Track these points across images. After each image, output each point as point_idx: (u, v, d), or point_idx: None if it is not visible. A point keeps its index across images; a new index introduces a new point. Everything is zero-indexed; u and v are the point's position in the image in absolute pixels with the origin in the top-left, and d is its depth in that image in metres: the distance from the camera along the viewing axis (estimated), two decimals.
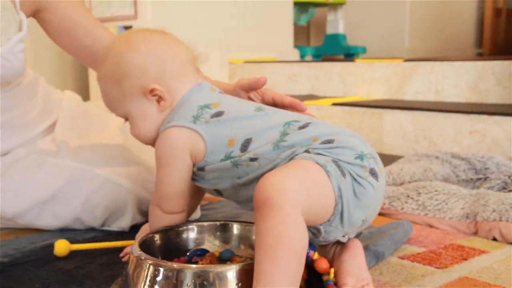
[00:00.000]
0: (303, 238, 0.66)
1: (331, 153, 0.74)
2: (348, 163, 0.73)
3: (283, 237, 0.64)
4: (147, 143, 0.88)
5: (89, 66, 1.17)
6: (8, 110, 1.12)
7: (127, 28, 2.90)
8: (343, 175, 0.73)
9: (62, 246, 0.95)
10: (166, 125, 0.82)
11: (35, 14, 1.06)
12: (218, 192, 0.85)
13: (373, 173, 0.75)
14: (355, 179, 0.73)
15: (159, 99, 0.84)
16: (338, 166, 0.73)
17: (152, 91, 0.83)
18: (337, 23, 3.86)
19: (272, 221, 0.65)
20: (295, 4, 3.65)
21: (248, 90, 1.07)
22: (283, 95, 1.05)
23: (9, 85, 1.09)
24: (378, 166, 0.76)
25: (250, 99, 1.10)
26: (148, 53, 0.84)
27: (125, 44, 0.85)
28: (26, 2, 1.03)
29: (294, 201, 0.65)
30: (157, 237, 0.87)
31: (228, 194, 0.84)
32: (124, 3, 2.89)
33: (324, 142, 0.75)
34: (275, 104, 1.07)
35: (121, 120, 0.90)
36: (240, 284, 0.70)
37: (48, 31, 1.09)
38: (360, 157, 0.74)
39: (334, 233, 0.76)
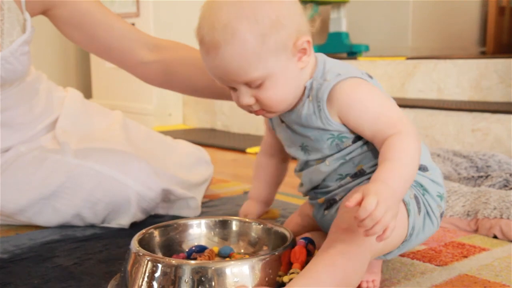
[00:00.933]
0: (362, 274, 0.69)
1: (419, 183, 0.78)
2: (428, 199, 0.78)
3: (346, 275, 0.66)
4: (278, 111, 0.77)
5: (104, 58, 1.12)
6: (11, 108, 1.12)
7: None
8: (419, 212, 0.77)
9: None
10: (337, 78, 0.74)
11: (44, 12, 1.05)
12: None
13: (441, 215, 0.81)
14: (428, 215, 0.79)
15: (303, 54, 0.75)
16: (417, 203, 0.77)
17: (303, 43, 0.73)
18: (340, 21, 3.85)
19: (342, 255, 0.67)
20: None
21: None
22: None
23: (11, 85, 1.09)
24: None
25: None
26: (292, 1, 0.74)
27: None
28: (33, 2, 1.02)
29: (369, 244, 0.68)
30: (156, 233, 0.87)
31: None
32: (126, 1, 2.89)
33: (420, 168, 0.78)
34: None
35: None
36: (237, 280, 0.70)
37: (58, 26, 1.07)
38: (440, 196, 0.80)
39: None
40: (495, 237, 1.03)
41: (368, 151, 0.77)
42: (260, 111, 0.78)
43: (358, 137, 0.77)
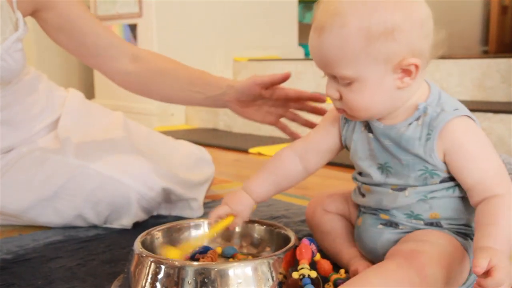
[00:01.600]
0: None
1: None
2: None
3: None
4: (360, 117, 0.75)
5: (89, 64, 1.16)
6: (9, 106, 1.13)
7: (131, 26, 2.91)
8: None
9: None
10: (455, 113, 0.70)
11: (34, 13, 1.06)
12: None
13: None
14: None
15: (405, 74, 0.70)
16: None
17: (409, 65, 0.69)
18: None
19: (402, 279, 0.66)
20: (300, 2, 3.65)
21: (269, 86, 1.09)
22: (300, 91, 1.09)
23: (9, 83, 1.09)
24: None
25: (262, 96, 1.10)
26: (419, 19, 0.69)
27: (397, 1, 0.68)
28: (24, 1, 1.03)
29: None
30: (159, 234, 0.87)
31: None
32: (129, 1, 2.89)
33: None
34: (288, 100, 1.09)
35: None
36: (241, 282, 0.70)
37: (46, 29, 1.09)
38: None
39: None
40: None
41: (452, 198, 0.74)
42: (341, 111, 0.75)
43: (450, 178, 0.73)
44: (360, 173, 0.81)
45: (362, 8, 0.67)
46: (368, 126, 0.78)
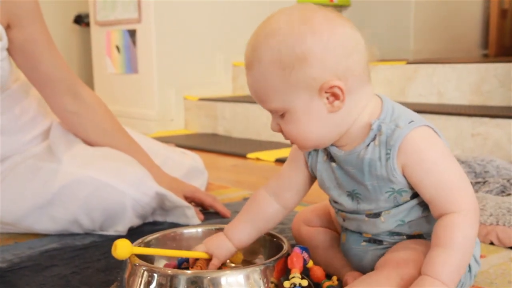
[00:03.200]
0: None
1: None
2: (467, 279, 0.76)
3: None
4: (304, 147, 0.74)
5: (36, 89, 1.19)
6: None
7: (131, 32, 2.92)
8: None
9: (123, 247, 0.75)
10: (411, 126, 0.68)
11: (6, 29, 1.08)
12: None
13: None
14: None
15: (334, 98, 0.69)
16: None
17: (332, 87, 0.68)
18: None
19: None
20: None
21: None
22: (213, 202, 1.24)
23: None
24: None
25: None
26: (334, 40, 0.67)
27: (304, 24, 0.68)
28: (1, 13, 1.05)
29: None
30: (153, 242, 0.87)
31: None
32: (128, 5, 2.90)
33: None
34: (202, 203, 1.26)
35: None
36: None
37: (8, 46, 1.10)
38: (475, 276, 0.78)
39: None
40: (491, 243, 1.03)
41: (430, 217, 0.72)
42: (291, 142, 0.74)
43: (416, 195, 0.72)
44: (334, 201, 0.80)
45: (273, 40, 0.68)
46: (329, 155, 0.76)
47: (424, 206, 0.72)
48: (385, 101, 0.73)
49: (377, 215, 0.75)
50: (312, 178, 0.81)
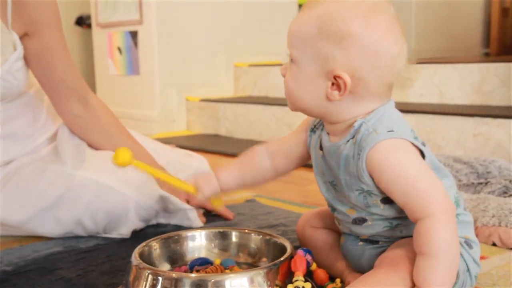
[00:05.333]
0: None
1: (465, 262, 0.75)
2: (467, 280, 0.76)
3: None
4: (292, 104, 0.76)
5: (47, 94, 1.21)
6: (15, 119, 1.15)
7: (132, 33, 2.92)
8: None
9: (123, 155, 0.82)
10: (388, 135, 0.69)
11: (21, 37, 1.09)
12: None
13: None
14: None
15: (336, 87, 0.70)
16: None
17: (339, 77, 0.69)
18: None
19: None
20: (300, 6, 3.66)
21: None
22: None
23: (13, 100, 1.12)
24: None
25: None
26: (375, 47, 0.68)
27: (367, 13, 0.68)
28: (17, 23, 1.06)
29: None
30: (156, 245, 0.88)
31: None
32: (130, 7, 2.91)
33: (466, 243, 0.77)
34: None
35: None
36: None
37: (25, 53, 1.12)
38: (476, 277, 0.78)
39: None
40: (494, 244, 1.03)
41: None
42: (285, 94, 0.76)
43: (388, 199, 0.72)
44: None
45: (335, 3, 0.69)
46: (320, 143, 0.79)
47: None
48: (381, 105, 0.73)
49: (362, 220, 0.76)
50: (308, 156, 0.84)
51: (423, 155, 0.72)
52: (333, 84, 0.70)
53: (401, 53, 0.70)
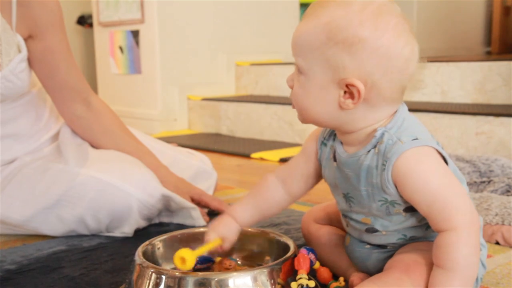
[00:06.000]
0: None
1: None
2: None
3: None
4: (301, 116, 0.73)
5: (49, 95, 1.21)
6: (18, 118, 1.15)
7: (134, 32, 2.92)
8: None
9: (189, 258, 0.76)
10: (413, 144, 0.67)
11: (26, 39, 1.10)
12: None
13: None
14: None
15: (349, 96, 0.68)
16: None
17: (352, 85, 0.67)
18: None
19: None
20: (302, 5, 3.65)
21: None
22: (220, 204, 1.23)
23: (16, 100, 1.12)
24: None
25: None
26: (386, 51, 0.66)
27: (374, 16, 0.66)
28: (21, 25, 1.07)
29: None
30: (160, 244, 0.88)
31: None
32: (131, 6, 2.91)
33: None
34: (208, 205, 1.24)
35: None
36: None
37: (28, 55, 1.12)
38: (481, 279, 0.78)
39: None
40: (497, 243, 1.03)
41: (432, 231, 0.71)
42: (292, 106, 0.74)
43: (411, 208, 0.71)
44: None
45: (340, 10, 0.67)
46: (334, 154, 0.77)
47: (425, 224, 0.72)
48: (398, 111, 0.72)
49: (376, 231, 0.75)
50: (321, 170, 0.81)
51: (445, 161, 0.71)
52: (345, 92, 0.68)
53: (412, 54, 0.68)
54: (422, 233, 0.73)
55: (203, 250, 0.80)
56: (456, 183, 0.68)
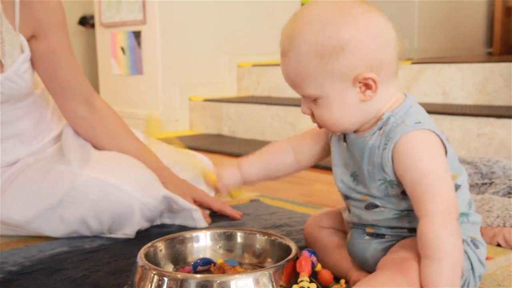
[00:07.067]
0: None
1: (470, 261, 0.76)
2: (471, 279, 0.77)
3: None
4: (334, 131, 0.78)
5: (52, 95, 1.22)
6: (21, 119, 1.15)
7: (136, 33, 2.93)
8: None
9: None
10: (415, 126, 0.71)
11: (29, 39, 1.10)
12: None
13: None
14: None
15: (366, 88, 0.72)
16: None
17: (366, 79, 0.71)
18: None
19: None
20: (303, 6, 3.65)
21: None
22: (222, 206, 1.25)
23: (19, 100, 1.12)
24: None
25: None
26: (370, 32, 0.70)
27: (342, 14, 0.70)
28: (24, 25, 1.07)
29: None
30: (162, 245, 0.88)
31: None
32: (133, 7, 2.91)
33: (473, 243, 0.78)
34: (210, 207, 1.25)
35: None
36: None
37: (31, 55, 1.12)
38: (480, 276, 0.79)
39: None
40: (498, 245, 1.03)
41: None
42: (319, 125, 0.78)
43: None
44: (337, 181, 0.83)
45: (311, 29, 0.71)
46: (343, 135, 0.80)
47: None
48: (407, 99, 0.76)
49: (374, 206, 0.77)
50: (329, 148, 0.85)
51: (444, 147, 0.74)
52: (360, 87, 0.72)
53: (386, 23, 0.72)
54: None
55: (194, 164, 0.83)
56: (447, 172, 0.71)
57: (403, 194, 0.74)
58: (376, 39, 0.71)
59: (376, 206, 0.77)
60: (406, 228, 0.77)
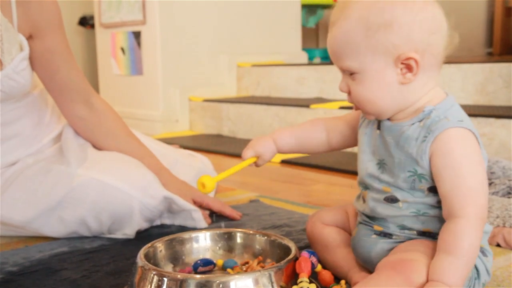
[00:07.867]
0: None
1: (477, 267, 0.76)
2: (476, 285, 0.77)
3: None
4: (368, 112, 0.77)
5: (51, 96, 1.22)
6: (20, 119, 1.16)
7: (135, 33, 2.93)
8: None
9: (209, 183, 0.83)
10: (458, 124, 0.71)
11: (27, 39, 1.10)
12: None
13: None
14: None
15: (408, 70, 0.72)
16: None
17: (408, 59, 0.71)
18: None
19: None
20: (303, 6, 3.66)
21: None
22: (222, 207, 1.25)
23: (19, 99, 1.12)
24: None
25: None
26: (422, 14, 0.71)
27: None
28: (23, 24, 1.07)
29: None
30: (161, 246, 0.88)
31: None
32: (133, 7, 2.91)
33: (481, 251, 0.77)
34: (210, 208, 1.25)
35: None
36: None
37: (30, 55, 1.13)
38: (484, 284, 0.78)
39: None
40: (498, 245, 1.03)
41: (441, 216, 0.73)
42: (355, 106, 0.78)
43: (435, 188, 0.73)
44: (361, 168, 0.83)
45: (364, 1, 0.72)
46: (378, 122, 0.80)
47: (440, 205, 0.74)
48: (449, 97, 0.76)
49: (394, 200, 0.77)
50: (357, 136, 0.86)
51: None
52: (402, 69, 0.72)
53: (441, 15, 0.73)
54: (435, 212, 0.75)
55: (239, 167, 0.87)
56: (484, 176, 0.71)
57: (429, 190, 0.74)
58: (427, 22, 0.71)
59: (396, 201, 0.76)
60: (416, 231, 0.77)
